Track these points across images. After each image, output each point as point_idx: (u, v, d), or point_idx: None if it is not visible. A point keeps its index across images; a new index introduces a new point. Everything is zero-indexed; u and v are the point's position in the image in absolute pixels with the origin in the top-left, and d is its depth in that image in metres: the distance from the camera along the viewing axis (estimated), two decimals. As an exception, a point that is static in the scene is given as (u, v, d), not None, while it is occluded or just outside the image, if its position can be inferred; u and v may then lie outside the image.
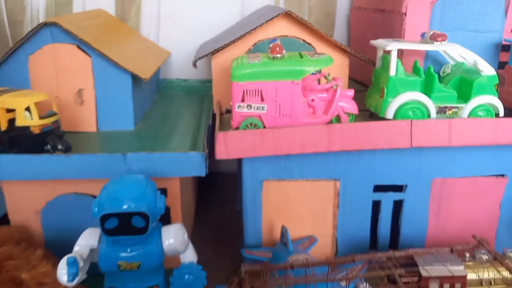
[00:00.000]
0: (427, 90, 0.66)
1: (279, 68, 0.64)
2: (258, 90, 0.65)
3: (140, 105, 0.84)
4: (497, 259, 0.60)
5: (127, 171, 0.66)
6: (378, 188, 0.71)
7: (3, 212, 0.75)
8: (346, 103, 0.69)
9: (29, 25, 1.07)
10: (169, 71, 1.11)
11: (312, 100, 0.68)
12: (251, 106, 0.66)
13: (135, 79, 0.77)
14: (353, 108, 0.69)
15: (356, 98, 0.71)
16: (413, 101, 0.66)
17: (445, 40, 0.68)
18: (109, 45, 0.82)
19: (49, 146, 0.68)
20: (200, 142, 0.74)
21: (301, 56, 0.67)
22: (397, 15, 0.80)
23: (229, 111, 0.77)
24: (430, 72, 0.66)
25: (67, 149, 0.69)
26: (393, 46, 0.67)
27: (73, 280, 0.54)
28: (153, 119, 0.86)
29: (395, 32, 0.81)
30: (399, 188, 0.72)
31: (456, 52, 0.72)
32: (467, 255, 0.64)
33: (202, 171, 0.64)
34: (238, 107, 0.66)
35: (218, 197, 1.03)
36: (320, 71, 0.70)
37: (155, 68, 0.93)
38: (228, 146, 0.65)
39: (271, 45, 0.69)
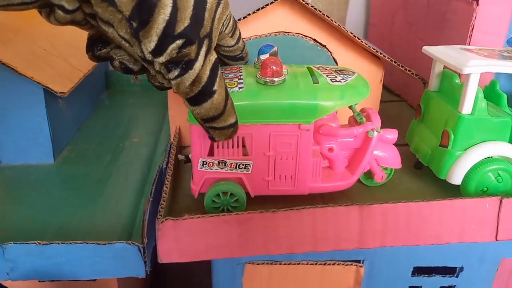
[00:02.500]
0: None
1: (275, 103, 0.42)
2: (238, 137, 0.44)
3: (66, 122, 0.66)
4: None
5: (9, 271, 0.40)
6: (419, 271, 0.55)
7: None
8: (386, 152, 0.48)
9: None
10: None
11: (330, 149, 0.46)
12: (225, 164, 0.44)
13: (49, 92, 0.59)
14: (393, 160, 0.48)
15: (383, 115, 0.51)
16: (499, 158, 0.44)
17: (560, 57, 0.40)
18: (15, 42, 0.61)
19: None
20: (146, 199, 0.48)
21: (312, 76, 0.44)
22: (462, 1, 0.52)
23: (189, 160, 0.49)
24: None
25: None
26: (476, 69, 0.39)
27: None
28: (88, 141, 0.68)
29: (454, 26, 0.57)
30: (450, 271, 0.55)
31: None
32: None
33: (140, 271, 0.42)
34: (203, 165, 0.44)
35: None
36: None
37: (91, 66, 0.64)
38: (180, 242, 0.38)
39: (261, 58, 0.44)
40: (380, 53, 0.53)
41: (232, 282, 0.52)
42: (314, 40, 0.56)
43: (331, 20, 0.51)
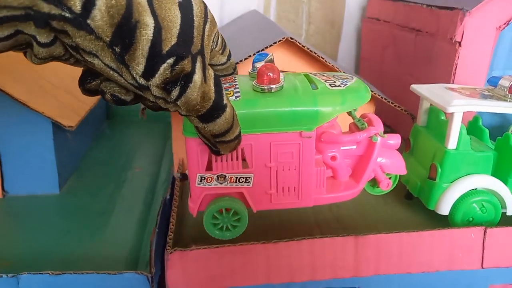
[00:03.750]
0: (500, 170, 0.43)
1: (274, 110, 0.40)
2: (237, 150, 0.41)
3: (71, 153, 0.68)
4: None
5: None
6: None
7: None
8: (390, 158, 0.46)
9: None
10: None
11: (333, 158, 0.44)
12: (224, 178, 0.42)
13: (56, 125, 0.60)
14: (398, 165, 0.46)
15: None
16: (483, 190, 0.43)
17: (537, 97, 0.44)
18: (26, 77, 0.60)
19: None
20: (150, 229, 0.49)
21: (311, 83, 0.43)
22: (445, 41, 0.57)
23: (186, 177, 0.50)
24: (508, 142, 0.42)
25: None
26: (459, 108, 0.42)
27: None
28: (92, 171, 0.69)
29: (439, 64, 0.60)
30: None
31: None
32: None
33: None
34: (201, 180, 0.42)
35: None
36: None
37: (96, 99, 0.67)
38: (186, 272, 0.40)
39: (257, 65, 0.43)
40: (371, 91, 0.56)
41: None
42: (308, 74, 0.57)
43: (325, 60, 0.54)
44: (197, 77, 0.36)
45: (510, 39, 0.55)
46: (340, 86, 0.42)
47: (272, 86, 0.41)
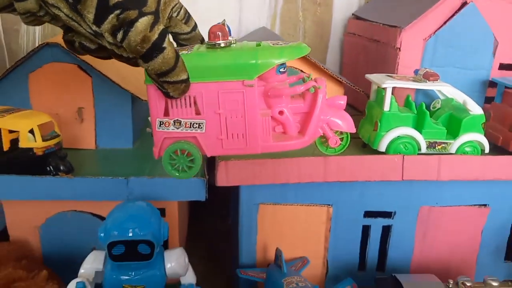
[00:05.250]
0: (418, 125, 0.70)
1: (221, 61, 0.43)
2: (189, 96, 0.44)
3: (138, 123, 0.85)
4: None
5: (129, 194, 0.68)
6: (368, 214, 0.76)
7: (3, 226, 0.76)
8: (337, 117, 0.50)
9: (25, 35, 1.07)
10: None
11: (281, 112, 0.47)
12: (180, 123, 0.45)
13: (134, 98, 0.78)
14: (347, 124, 0.50)
15: None
16: (405, 136, 0.69)
17: (437, 80, 0.72)
18: (109, 64, 0.84)
19: (51, 167, 0.69)
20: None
21: (258, 44, 0.46)
22: (392, 48, 0.84)
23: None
24: (422, 109, 0.70)
25: (69, 171, 0.70)
26: (389, 84, 0.70)
27: (81, 303, 0.54)
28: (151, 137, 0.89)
29: (389, 64, 0.85)
30: (388, 215, 0.76)
31: (447, 92, 0.76)
32: (451, 281, 0.68)
33: (202, 196, 0.67)
34: (160, 125, 0.46)
35: (209, 209, 1.05)
36: (286, 69, 0.48)
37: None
38: (228, 174, 0.67)
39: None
40: (341, 79, 0.81)
41: (250, 218, 0.73)
42: (301, 70, 0.79)
43: (314, 60, 0.79)
44: (139, 24, 0.39)
45: (432, 46, 0.81)
46: (281, 44, 0.45)
47: (220, 42, 0.44)
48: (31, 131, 0.67)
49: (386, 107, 0.70)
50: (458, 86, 0.75)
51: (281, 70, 0.46)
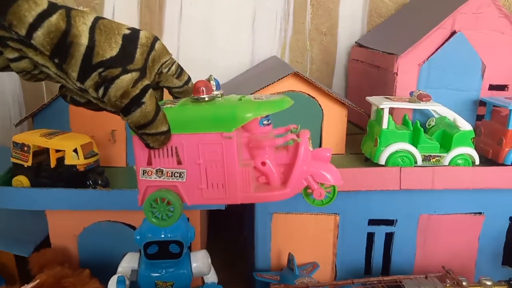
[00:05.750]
0: (414, 141, 0.79)
1: (200, 114, 0.44)
2: (171, 147, 0.45)
3: None
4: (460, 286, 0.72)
5: None
6: (372, 222, 0.82)
7: (44, 236, 0.85)
8: (322, 169, 0.48)
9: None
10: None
11: (263, 163, 0.47)
12: (162, 172, 0.46)
13: None
14: (332, 176, 0.48)
15: (352, 141, 0.83)
16: (402, 150, 0.78)
17: (429, 100, 0.81)
18: None
19: (90, 182, 0.79)
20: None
21: (241, 98, 0.47)
22: (390, 73, 0.93)
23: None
24: (417, 126, 0.79)
25: (106, 185, 0.80)
26: (386, 105, 0.80)
27: (121, 296, 0.63)
28: None
29: (388, 87, 0.94)
30: (390, 222, 0.82)
31: (440, 111, 0.85)
32: (448, 281, 0.75)
33: (221, 205, 0.73)
34: (143, 173, 0.46)
35: (225, 224, 1.14)
36: (270, 122, 0.49)
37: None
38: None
39: (264, 122, 0.47)
40: (344, 101, 0.88)
41: (264, 226, 0.80)
42: (309, 95, 0.83)
43: (320, 85, 0.85)
44: (120, 81, 0.40)
45: (426, 71, 0.89)
46: (263, 99, 0.45)
47: (204, 96, 0.45)
48: (75, 150, 0.77)
49: (384, 125, 0.79)
50: (451, 106, 0.84)
51: (265, 122, 0.47)
